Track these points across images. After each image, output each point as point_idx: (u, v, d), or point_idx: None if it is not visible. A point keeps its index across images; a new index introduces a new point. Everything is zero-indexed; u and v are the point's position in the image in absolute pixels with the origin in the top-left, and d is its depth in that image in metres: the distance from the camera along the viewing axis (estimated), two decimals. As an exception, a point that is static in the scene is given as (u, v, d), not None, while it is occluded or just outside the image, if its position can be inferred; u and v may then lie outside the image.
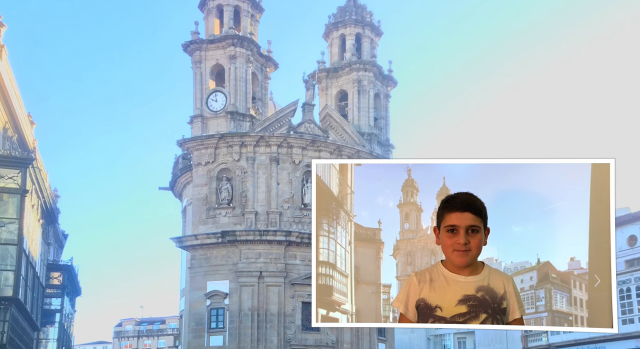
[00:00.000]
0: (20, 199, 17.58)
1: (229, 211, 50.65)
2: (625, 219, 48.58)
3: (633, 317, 43.93)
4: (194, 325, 49.28)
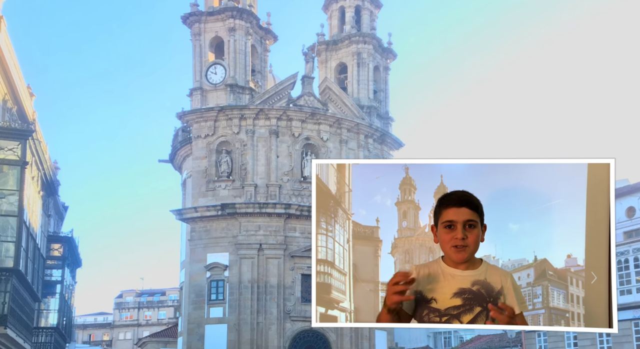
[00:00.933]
0: (20, 170, 17.63)
1: (228, 183, 50.77)
2: (624, 191, 48.63)
3: (631, 288, 44.16)
4: (194, 297, 49.61)
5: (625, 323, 43.91)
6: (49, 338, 25.44)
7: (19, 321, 18.29)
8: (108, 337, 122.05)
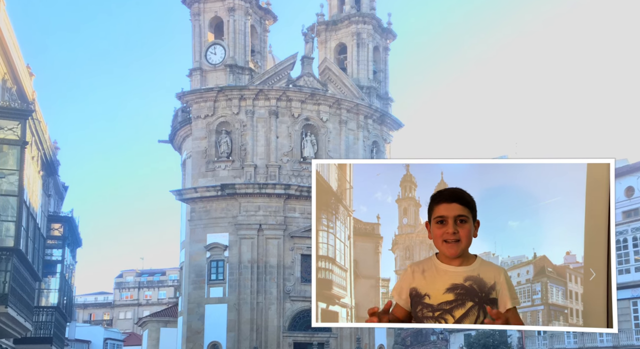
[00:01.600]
0: (20, 150, 17.65)
1: (228, 164, 50.83)
2: (623, 171, 48.69)
3: (629, 267, 44.37)
4: (194, 277, 49.80)
5: (624, 302, 44.18)
6: (49, 317, 25.55)
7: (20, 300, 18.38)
8: (108, 316, 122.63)
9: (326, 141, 52.37)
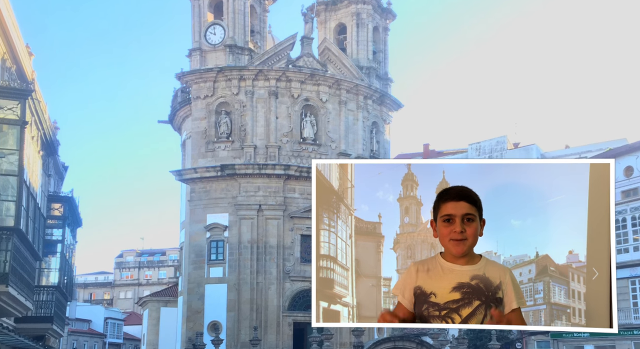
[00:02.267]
0: (20, 130, 17.67)
1: (228, 144, 50.85)
2: (622, 150, 48.80)
3: (628, 246, 44.60)
4: (194, 257, 49.99)
5: (622, 281, 44.47)
6: (50, 296, 25.67)
7: (20, 280, 18.47)
8: (109, 296, 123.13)
9: (326, 122, 52.38)
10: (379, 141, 56.50)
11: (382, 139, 57.12)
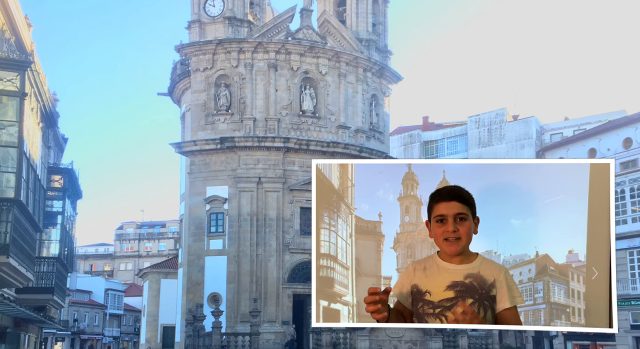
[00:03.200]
0: (20, 102, 17.67)
1: (227, 117, 50.83)
2: (622, 122, 48.82)
3: (626, 218, 44.77)
4: (194, 229, 50.17)
5: (621, 252, 44.73)
6: (51, 268, 25.81)
7: (21, 251, 18.58)
8: (109, 267, 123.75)
9: (325, 94, 52.32)
10: (378, 114, 56.45)
11: (381, 112, 57.06)
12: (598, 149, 48.77)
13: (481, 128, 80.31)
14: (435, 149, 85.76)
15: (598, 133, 49.72)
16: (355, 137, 53.18)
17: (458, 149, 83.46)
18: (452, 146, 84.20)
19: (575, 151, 50.77)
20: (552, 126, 79.01)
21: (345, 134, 52.29)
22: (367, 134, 54.39)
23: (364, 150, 52.43)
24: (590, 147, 49.54)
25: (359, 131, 53.41)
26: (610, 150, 47.72)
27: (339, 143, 51.28)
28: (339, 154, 51.28)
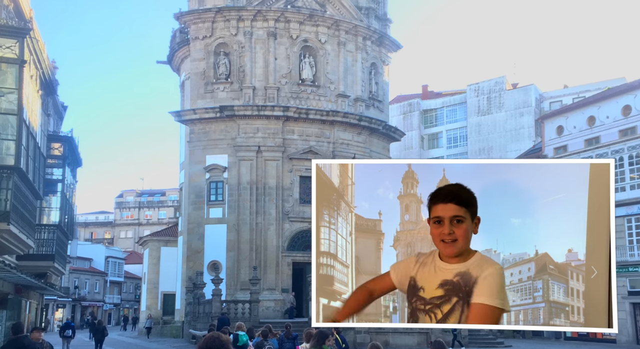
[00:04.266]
0: (19, 69, 17.67)
1: (227, 85, 50.77)
2: (621, 89, 48.72)
3: (625, 185, 44.91)
4: (194, 198, 50.33)
5: (619, 220, 44.98)
6: (51, 235, 25.92)
7: (22, 218, 18.69)
8: (109, 235, 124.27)
9: (324, 63, 52.19)
10: (377, 83, 56.36)
11: (380, 81, 56.96)
12: (597, 116, 48.76)
13: (480, 96, 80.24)
14: (435, 117, 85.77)
15: (597, 101, 49.66)
16: (354, 106, 53.16)
17: (457, 118, 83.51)
18: (451, 115, 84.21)
19: (574, 118, 50.76)
20: (551, 94, 78.96)
21: (344, 103, 52.26)
22: (366, 102, 54.36)
23: (363, 119, 52.45)
24: (589, 115, 49.53)
25: (358, 99, 53.37)
26: (609, 117, 47.72)
27: (339, 112, 51.27)
28: (338, 123, 51.31)
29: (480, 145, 78.92)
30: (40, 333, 14.04)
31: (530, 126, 75.37)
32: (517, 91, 78.66)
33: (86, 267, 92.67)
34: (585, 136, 49.55)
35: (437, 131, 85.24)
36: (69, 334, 36.46)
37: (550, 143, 52.55)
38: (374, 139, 54.85)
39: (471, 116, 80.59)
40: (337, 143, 51.59)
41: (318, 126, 51.09)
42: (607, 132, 47.79)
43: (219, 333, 6.71)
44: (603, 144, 46.91)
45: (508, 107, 77.57)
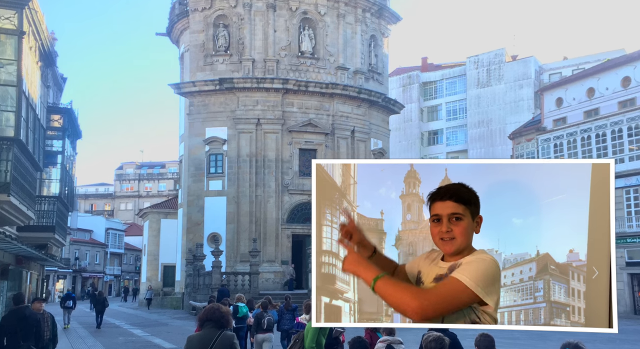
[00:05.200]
0: (18, 40, 17.65)
1: (226, 58, 50.66)
2: (620, 61, 48.65)
3: (623, 157, 45.03)
4: (194, 170, 50.43)
5: (618, 191, 45.22)
6: (51, 206, 26.02)
7: (22, 189, 18.76)
8: (109, 207, 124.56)
9: (324, 35, 52.02)
10: (377, 55, 56.22)
11: (380, 53, 56.81)
12: (597, 88, 48.73)
13: (480, 69, 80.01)
14: (434, 89, 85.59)
15: (597, 72, 49.59)
16: (354, 79, 53.08)
17: (457, 90, 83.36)
18: (451, 87, 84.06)
19: (573, 90, 50.72)
20: (551, 66, 78.74)
21: (344, 76, 52.17)
22: (365, 75, 54.27)
23: (362, 91, 52.41)
24: (588, 86, 49.50)
25: (357, 72, 53.27)
26: (608, 89, 47.70)
27: (338, 84, 51.21)
28: (337, 96, 51.27)
29: (479, 117, 78.86)
30: (41, 304, 14.16)
31: (529, 98, 75.28)
32: (516, 63, 78.46)
33: (86, 239, 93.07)
34: (585, 108, 49.57)
35: (437, 104, 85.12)
36: (70, 305, 36.73)
37: (550, 115, 52.56)
38: (374, 111, 54.84)
39: (470, 88, 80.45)
40: (337, 116, 51.59)
41: (317, 99, 51.07)
42: (606, 103, 47.81)
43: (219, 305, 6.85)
44: (602, 116, 46.95)
45: (507, 80, 77.43)
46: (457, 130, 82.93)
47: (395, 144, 77.68)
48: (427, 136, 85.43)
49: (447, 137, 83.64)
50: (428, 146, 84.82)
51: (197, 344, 6.58)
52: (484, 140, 77.62)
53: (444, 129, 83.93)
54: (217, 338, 6.57)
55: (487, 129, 77.43)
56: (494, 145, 76.28)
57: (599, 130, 46.67)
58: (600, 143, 46.62)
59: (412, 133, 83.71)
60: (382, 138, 56.37)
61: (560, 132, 49.65)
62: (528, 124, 57.75)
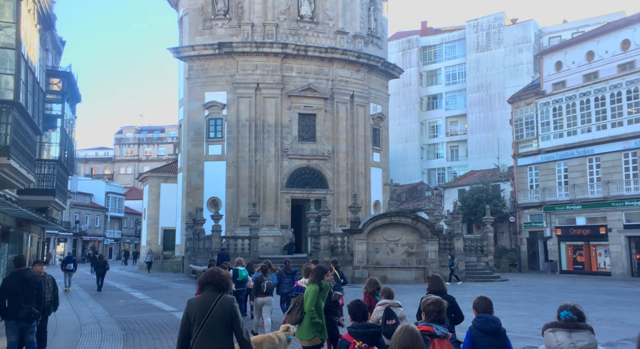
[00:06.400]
0: (17, 2, 17.58)
1: (225, 22, 50.40)
2: (620, 24, 48.39)
3: (622, 120, 45.04)
4: (193, 134, 50.44)
5: (615, 154, 45.33)
6: (51, 170, 26.03)
7: (22, 153, 18.79)
8: (109, 171, 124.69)
9: (323, -1, 51.78)
10: (376, 19, 55.92)
11: (379, 17, 56.50)
12: (596, 51, 48.55)
13: (479, 32, 79.57)
14: (434, 54, 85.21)
15: (596, 35, 49.35)
16: (353, 43, 52.86)
17: (456, 54, 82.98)
18: (450, 51, 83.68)
19: (573, 54, 50.52)
20: (551, 29, 78.33)
21: (343, 40, 51.95)
22: (365, 39, 54.04)
23: (362, 56, 52.23)
24: (588, 50, 49.31)
25: (357, 36, 53.05)
26: (608, 52, 47.52)
27: (337, 49, 51.02)
28: (337, 60, 51.12)
29: (478, 81, 78.62)
30: (42, 266, 14.29)
31: (529, 62, 74.97)
32: (516, 26, 77.99)
33: (86, 202, 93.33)
34: (584, 71, 49.45)
35: (436, 68, 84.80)
36: (71, 268, 36.98)
37: (549, 79, 52.46)
38: (373, 76, 54.69)
39: (470, 52, 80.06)
40: (336, 80, 51.48)
41: (317, 63, 50.91)
42: (605, 67, 47.69)
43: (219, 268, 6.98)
44: (602, 79, 46.87)
45: (507, 43, 77.04)
46: (456, 94, 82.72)
47: (394, 109, 77.59)
48: (427, 101, 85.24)
49: (447, 101, 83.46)
50: (427, 111, 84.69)
51: (197, 308, 6.71)
52: (483, 104, 77.45)
53: (443, 94, 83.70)
54: (217, 301, 6.70)
55: (487, 93, 77.23)
56: (493, 109, 76.15)
57: (598, 93, 46.63)
58: (599, 107, 46.59)
59: (412, 97, 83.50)
60: (382, 103, 56.30)
61: (560, 96, 49.58)
62: (527, 88, 57.61)
